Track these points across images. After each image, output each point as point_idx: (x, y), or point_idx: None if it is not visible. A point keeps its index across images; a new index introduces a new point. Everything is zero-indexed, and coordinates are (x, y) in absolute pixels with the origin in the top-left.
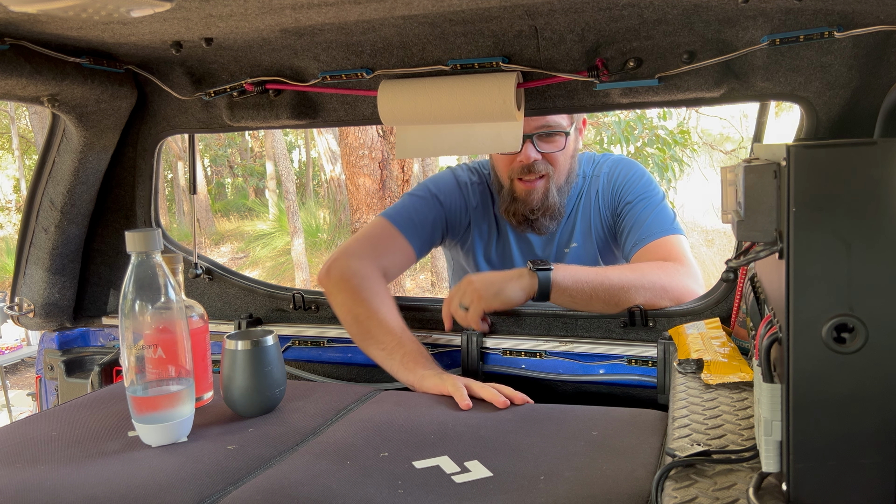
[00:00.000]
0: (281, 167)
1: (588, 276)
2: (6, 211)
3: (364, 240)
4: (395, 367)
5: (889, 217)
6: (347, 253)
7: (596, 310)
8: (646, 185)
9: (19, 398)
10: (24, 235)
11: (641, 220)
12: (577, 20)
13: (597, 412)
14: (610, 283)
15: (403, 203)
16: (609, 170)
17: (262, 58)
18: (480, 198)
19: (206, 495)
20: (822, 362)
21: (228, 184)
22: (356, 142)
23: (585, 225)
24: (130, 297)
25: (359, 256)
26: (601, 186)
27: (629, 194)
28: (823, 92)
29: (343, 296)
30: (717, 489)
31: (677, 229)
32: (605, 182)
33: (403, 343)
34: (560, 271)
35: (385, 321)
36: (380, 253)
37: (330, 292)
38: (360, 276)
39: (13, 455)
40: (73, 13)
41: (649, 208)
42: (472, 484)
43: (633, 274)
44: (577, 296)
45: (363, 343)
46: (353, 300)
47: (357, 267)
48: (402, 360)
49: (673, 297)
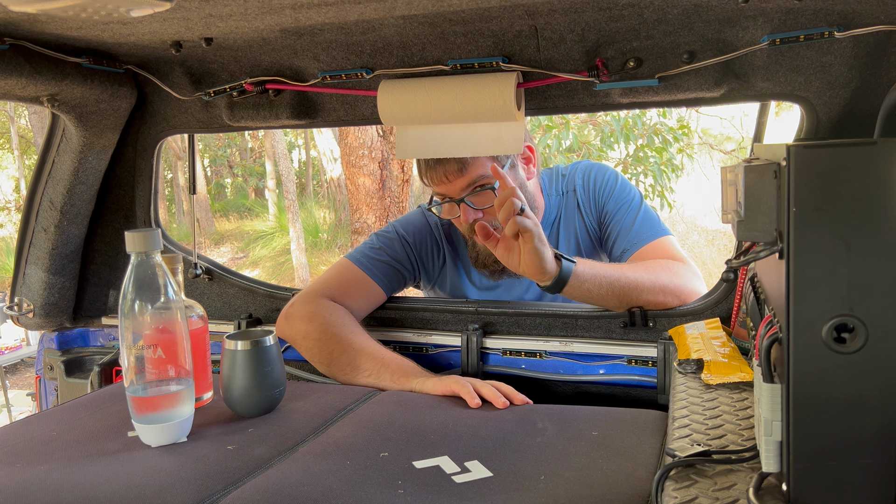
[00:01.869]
0: (281, 167)
1: (605, 272)
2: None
3: (327, 282)
4: (387, 386)
5: (889, 217)
6: (307, 296)
7: (607, 306)
8: (622, 188)
9: (19, 398)
10: (24, 235)
11: (627, 225)
12: (577, 20)
13: (597, 412)
14: (626, 281)
15: (369, 243)
16: (582, 181)
17: (262, 58)
18: (454, 237)
19: (206, 495)
20: (822, 362)
21: (228, 184)
22: (356, 142)
23: (569, 242)
24: (130, 297)
25: (319, 296)
26: (580, 198)
27: (609, 201)
28: (823, 92)
29: (309, 340)
30: (717, 489)
31: (666, 230)
32: (583, 193)
33: (388, 363)
34: (581, 265)
35: (363, 348)
36: (344, 294)
37: (293, 339)
38: (324, 312)
39: (13, 455)
40: (73, 13)
41: (632, 213)
42: (473, 484)
43: (646, 273)
44: (593, 291)
45: (347, 377)
46: (322, 338)
47: (317, 306)
48: (391, 378)
49: (682, 297)
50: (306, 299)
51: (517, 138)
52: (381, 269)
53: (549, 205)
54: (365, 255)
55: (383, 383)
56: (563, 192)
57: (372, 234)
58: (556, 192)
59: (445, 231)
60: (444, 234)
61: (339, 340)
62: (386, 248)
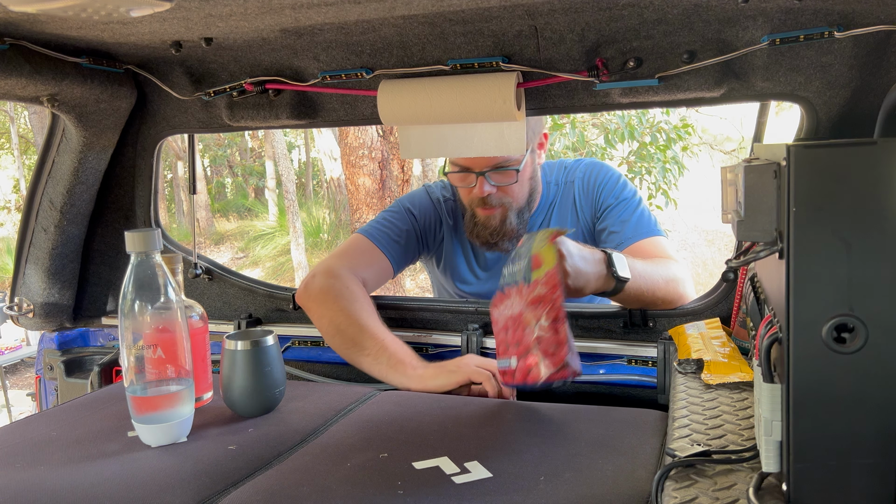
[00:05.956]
0: (281, 167)
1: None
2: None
3: (341, 255)
4: (384, 370)
5: (889, 217)
6: (325, 268)
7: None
8: (622, 187)
9: (19, 398)
10: (24, 235)
11: (624, 219)
12: (577, 20)
13: (597, 412)
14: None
15: (379, 219)
16: (584, 175)
17: (262, 58)
18: (453, 215)
19: (206, 495)
20: (822, 362)
21: (228, 184)
22: (356, 142)
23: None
24: (130, 297)
25: (337, 269)
26: (577, 192)
27: (609, 197)
28: (823, 92)
29: (323, 308)
30: (717, 489)
31: (660, 231)
32: (581, 186)
33: (387, 346)
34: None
35: (367, 326)
36: (357, 266)
37: (309, 307)
38: (340, 285)
39: (13, 455)
40: (73, 13)
41: (629, 210)
42: (472, 485)
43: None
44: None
45: (349, 353)
46: (334, 310)
47: (335, 279)
48: (388, 363)
49: (683, 299)
50: (326, 272)
51: (519, 138)
52: (389, 242)
53: (546, 193)
54: (375, 229)
55: (381, 367)
56: (562, 183)
57: (381, 212)
58: (555, 182)
59: (449, 208)
60: (448, 211)
61: (347, 314)
62: (394, 220)
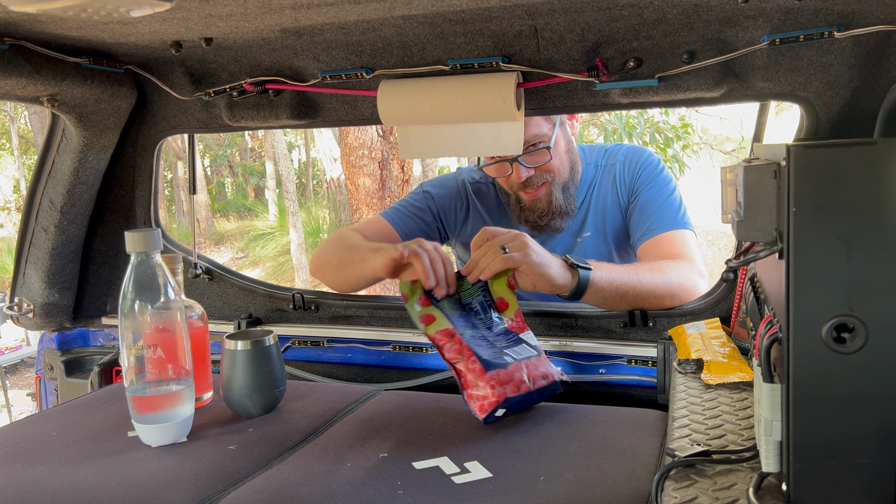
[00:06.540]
0: (281, 167)
1: (622, 278)
2: (6, 211)
3: (356, 228)
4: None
5: (889, 217)
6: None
7: (619, 309)
8: (661, 172)
9: (19, 398)
10: (24, 235)
11: (652, 209)
12: (577, 20)
13: (597, 412)
14: (641, 287)
15: (400, 200)
16: (624, 157)
17: (262, 58)
18: (483, 197)
19: (206, 495)
20: (822, 362)
21: (228, 184)
22: (356, 142)
23: (598, 215)
24: (130, 297)
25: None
26: (618, 173)
27: (646, 177)
28: (823, 92)
29: (329, 248)
30: (717, 489)
31: (687, 224)
32: (622, 168)
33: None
34: (598, 271)
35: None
36: (366, 231)
37: (317, 254)
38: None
39: (13, 455)
40: (73, 13)
41: (661, 198)
42: (472, 485)
43: (660, 277)
44: (609, 297)
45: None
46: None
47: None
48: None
49: (686, 299)
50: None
51: (517, 139)
52: (399, 216)
53: (585, 173)
54: (394, 210)
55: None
56: (602, 165)
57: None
58: (595, 164)
59: (474, 189)
60: (473, 191)
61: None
62: (411, 199)
